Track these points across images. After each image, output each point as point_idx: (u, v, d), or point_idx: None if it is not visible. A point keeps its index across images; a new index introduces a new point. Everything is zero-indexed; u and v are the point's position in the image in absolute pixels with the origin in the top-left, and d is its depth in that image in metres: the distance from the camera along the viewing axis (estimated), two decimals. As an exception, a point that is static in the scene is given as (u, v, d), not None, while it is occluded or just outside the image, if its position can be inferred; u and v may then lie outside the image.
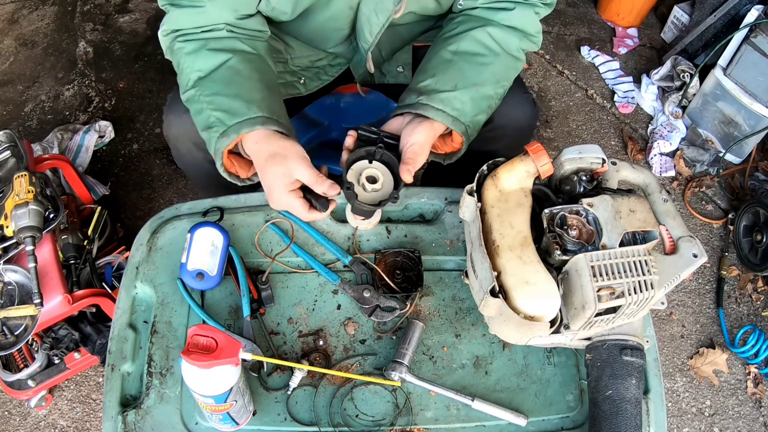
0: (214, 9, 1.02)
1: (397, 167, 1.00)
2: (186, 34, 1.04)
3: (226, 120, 0.98)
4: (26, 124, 2.24)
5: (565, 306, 0.87)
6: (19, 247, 1.28)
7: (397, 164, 1.01)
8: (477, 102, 1.06)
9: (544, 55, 2.56)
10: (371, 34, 1.12)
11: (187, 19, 1.03)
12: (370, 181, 1.01)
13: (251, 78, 1.03)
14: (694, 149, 2.23)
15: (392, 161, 1.02)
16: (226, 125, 0.98)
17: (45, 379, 1.57)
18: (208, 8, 1.02)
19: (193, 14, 1.03)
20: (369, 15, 1.10)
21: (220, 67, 1.02)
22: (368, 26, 1.11)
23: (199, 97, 1.01)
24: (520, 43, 1.11)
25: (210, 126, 1.00)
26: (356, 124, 1.82)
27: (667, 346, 1.86)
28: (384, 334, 1.04)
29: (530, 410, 0.98)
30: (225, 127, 0.98)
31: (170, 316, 1.03)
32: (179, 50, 1.05)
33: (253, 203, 1.16)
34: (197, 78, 1.02)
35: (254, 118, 0.98)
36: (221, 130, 0.98)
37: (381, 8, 1.07)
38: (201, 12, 1.02)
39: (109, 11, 2.62)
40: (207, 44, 1.03)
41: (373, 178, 1.01)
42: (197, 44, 1.03)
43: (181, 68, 1.05)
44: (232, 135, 0.98)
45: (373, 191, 1.00)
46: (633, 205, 0.90)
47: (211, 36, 1.04)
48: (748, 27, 1.98)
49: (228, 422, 0.91)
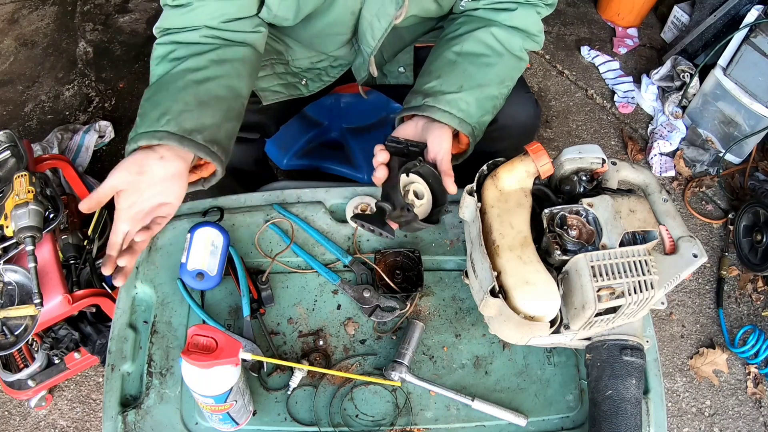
0: (203, 10, 1.01)
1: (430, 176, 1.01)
2: (169, 33, 1.04)
3: (138, 126, 0.96)
4: (26, 124, 2.24)
5: (565, 306, 0.87)
6: (19, 247, 1.28)
7: (430, 173, 1.01)
8: (482, 103, 1.06)
9: (544, 55, 2.56)
10: (374, 38, 1.12)
11: (175, 19, 1.03)
12: (418, 197, 1.00)
13: (184, 88, 0.98)
14: (694, 149, 2.23)
15: (428, 171, 1.01)
16: (135, 131, 0.95)
17: (45, 379, 1.57)
18: (197, 8, 1.01)
19: (181, 13, 1.02)
20: (371, 20, 1.10)
21: (166, 73, 1.01)
22: (370, 31, 1.11)
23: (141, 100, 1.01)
24: (523, 43, 1.11)
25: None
26: (357, 124, 1.83)
27: (667, 346, 1.86)
28: (384, 334, 1.04)
29: (530, 410, 0.98)
30: (134, 133, 0.95)
31: (170, 316, 1.03)
32: (153, 50, 1.05)
33: (253, 203, 1.16)
34: (153, 82, 1.02)
35: (155, 132, 0.93)
36: (131, 134, 0.96)
37: (383, 13, 1.07)
38: (188, 11, 1.01)
39: (109, 11, 2.62)
40: (174, 51, 1.02)
41: (421, 192, 1.01)
42: (167, 49, 1.02)
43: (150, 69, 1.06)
44: (132, 144, 0.94)
45: (420, 205, 1.01)
46: (633, 205, 0.90)
47: (183, 39, 1.02)
48: (748, 27, 1.98)
49: (228, 422, 0.91)
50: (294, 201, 1.17)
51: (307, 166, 1.77)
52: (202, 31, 1.02)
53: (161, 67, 1.02)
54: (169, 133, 0.93)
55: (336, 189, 1.18)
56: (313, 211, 1.14)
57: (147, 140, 0.93)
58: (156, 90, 0.99)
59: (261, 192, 1.18)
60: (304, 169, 1.79)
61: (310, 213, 1.14)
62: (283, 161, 1.76)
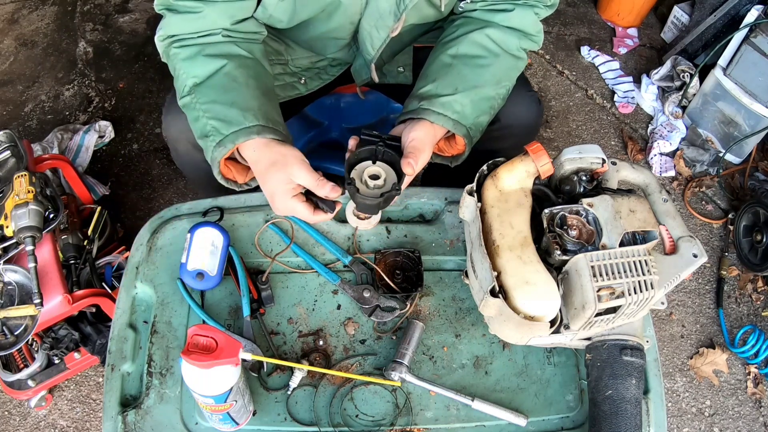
0: (212, 14, 1.02)
1: (396, 162, 1.01)
2: (182, 40, 1.03)
3: (222, 129, 0.98)
4: (26, 124, 2.24)
5: (565, 306, 0.87)
6: (19, 247, 1.28)
7: (399, 163, 1.01)
8: (478, 104, 1.06)
9: (544, 55, 2.56)
10: (373, 48, 1.13)
11: (184, 25, 1.03)
12: (373, 178, 1.01)
13: (247, 85, 1.02)
14: (694, 149, 2.23)
15: (395, 160, 1.02)
16: (222, 134, 0.97)
17: (45, 379, 1.57)
18: (206, 14, 1.01)
19: (190, 20, 1.02)
20: (370, 30, 1.11)
21: (216, 73, 1.01)
22: (370, 40, 1.12)
23: (195, 105, 1.01)
24: (519, 43, 1.11)
25: (207, 135, 0.99)
26: (356, 124, 1.83)
27: (667, 346, 1.86)
28: (384, 334, 1.04)
29: (530, 410, 0.98)
30: (221, 137, 0.97)
31: (170, 316, 1.03)
32: (175, 56, 1.04)
33: (253, 203, 1.16)
34: (193, 84, 1.02)
35: (250, 127, 0.97)
36: (218, 139, 0.98)
37: (381, 25, 1.08)
38: (198, 17, 1.01)
39: (109, 11, 2.62)
40: (203, 50, 1.02)
41: (376, 175, 1.01)
42: (193, 50, 1.03)
43: (177, 74, 1.05)
44: (228, 145, 0.97)
45: (376, 188, 1.00)
46: (633, 205, 0.90)
47: (208, 41, 1.03)
48: (748, 27, 1.98)
49: (228, 422, 0.91)
50: (294, 201, 1.16)
51: (307, 166, 1.77)
52: (222, 33, 1.04)
53: (199, 66, 1.02)
54: (263, 126, 0.98)
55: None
56: (313, 211, 1.14)
57: (244, 137, 0.97)
58: (217, 91, 1.01)
59: (261, 192, 1.18)
60: (304, 169, 1.79)
61: (310, 213, 1.14)
62: (283, 161, 1.76)
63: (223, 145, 0.98)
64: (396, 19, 1.05)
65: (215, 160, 0.99)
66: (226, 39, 1.04)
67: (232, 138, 0.97)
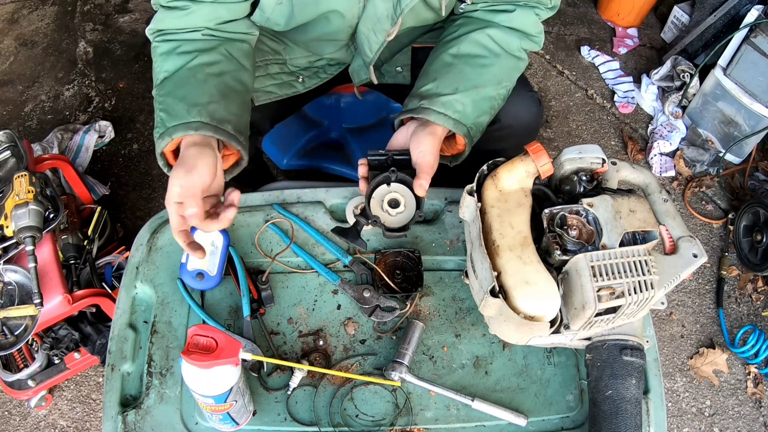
0: (198, 13, 1.02)
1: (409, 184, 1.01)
2: (165, 34, 1.04)
3: (166, 121, 0.97)
4: (26, 124, 2.24)
5: (565, 306, 0.87)
6: (19, 247, 1.28)
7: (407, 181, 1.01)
8: (478, 104, 1.06)
9: (544, 55, 2.56)
10: (371, 50, 1.14)
11: (170, 21, 1.03)
12: (393, 206, 1.01)
13: (206, 81, 1.01)
14: (694, 149, 2.23)
15: (407, 179, 1.02)
16: (165, 127, 0.97)
17: (45, 379, 1.57)
18: (193, 12, 1.02)
19: (177, 16, 1.03)
20: (367, 34, 1.11)
21: (181, 68, 1.02)
22: (368, 43, 1.13)
23: (156, 96, 1.02)
24: (520, 43, 1.11)
25: (156, 126, 0.99)
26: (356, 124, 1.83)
27: (667, 346, 1.86)
28: (384, 334, 1.04)
29: (530, 410, 0.98)
30: (164, 129, 0.97)
31: (170, 316, 1.03)
32: (155, 49, 1.05)
33: (253, 203, 1.16)
34: (163, 78, 1.02)
35: (190, 123, 0.95)
36: (161, 131, 0.97)
37: (378, 28, 1.09)
38: (185, 15, 1.02)
39: (109, 11, 2.62)
40: (179, 46, 1.03)
41: (396, 202, 1.01)
42: (171, 45, 1.03)
43: (153, 67, 1.05)
44: (166, 138, 0.96)
45: (398, 214, 1.01)
46: (633, 205, 0.90)
47: (186, 38, 1.04)
48: (748, 27, 1.98)
49: (228, 422, 0.91)
50: (294, 201, 1.17)
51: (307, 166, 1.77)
52: (203, 31, 1.04)
53: (171, 61, 1.02)
54: (203, 123, 0.95)
55: (336, 189, 1.18)
56: (313, 211, 1.14)
57: (182, 132, 0.95)
58: (175, 85, 1.00)
59: (261, 192, 1.18)
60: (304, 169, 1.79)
61: (310, 213, 1.14)
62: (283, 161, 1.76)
63: (163, 138, 0.97)
64: (393, 23, 1.06)
65: (158, 151, 0.99)
66: (205, 37, 1.04)
67: (171, 131, 0.96)
